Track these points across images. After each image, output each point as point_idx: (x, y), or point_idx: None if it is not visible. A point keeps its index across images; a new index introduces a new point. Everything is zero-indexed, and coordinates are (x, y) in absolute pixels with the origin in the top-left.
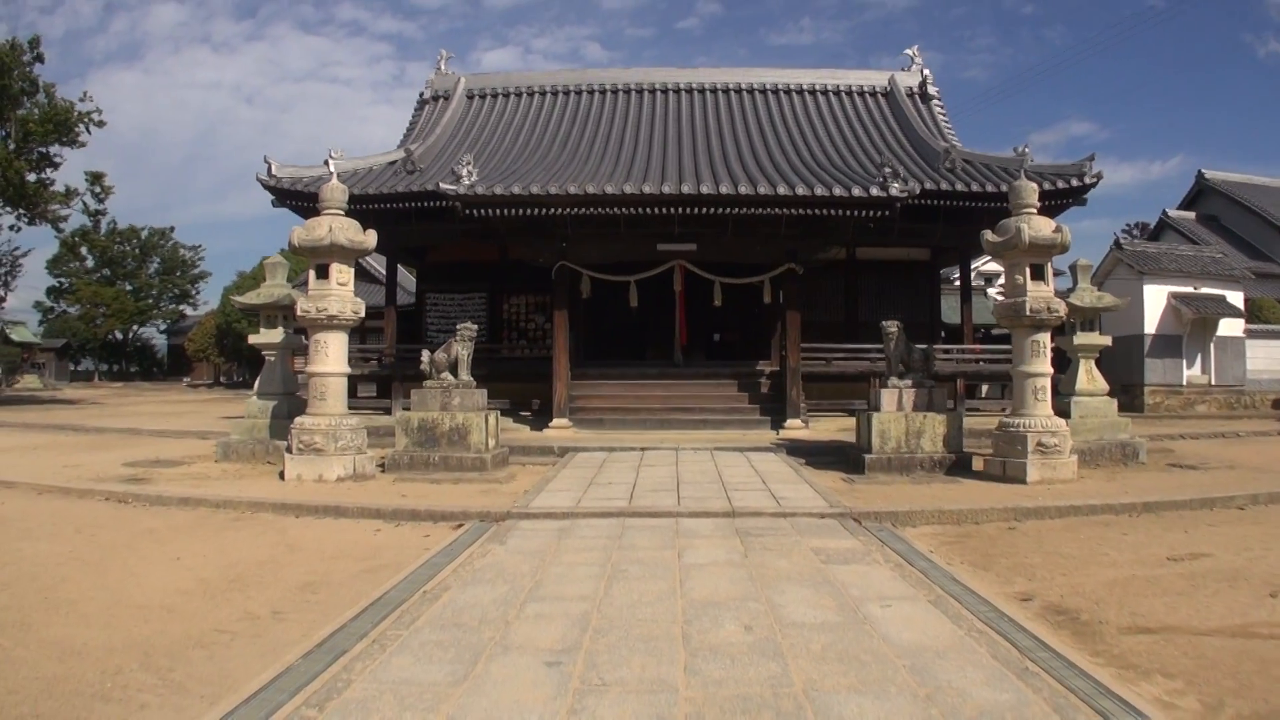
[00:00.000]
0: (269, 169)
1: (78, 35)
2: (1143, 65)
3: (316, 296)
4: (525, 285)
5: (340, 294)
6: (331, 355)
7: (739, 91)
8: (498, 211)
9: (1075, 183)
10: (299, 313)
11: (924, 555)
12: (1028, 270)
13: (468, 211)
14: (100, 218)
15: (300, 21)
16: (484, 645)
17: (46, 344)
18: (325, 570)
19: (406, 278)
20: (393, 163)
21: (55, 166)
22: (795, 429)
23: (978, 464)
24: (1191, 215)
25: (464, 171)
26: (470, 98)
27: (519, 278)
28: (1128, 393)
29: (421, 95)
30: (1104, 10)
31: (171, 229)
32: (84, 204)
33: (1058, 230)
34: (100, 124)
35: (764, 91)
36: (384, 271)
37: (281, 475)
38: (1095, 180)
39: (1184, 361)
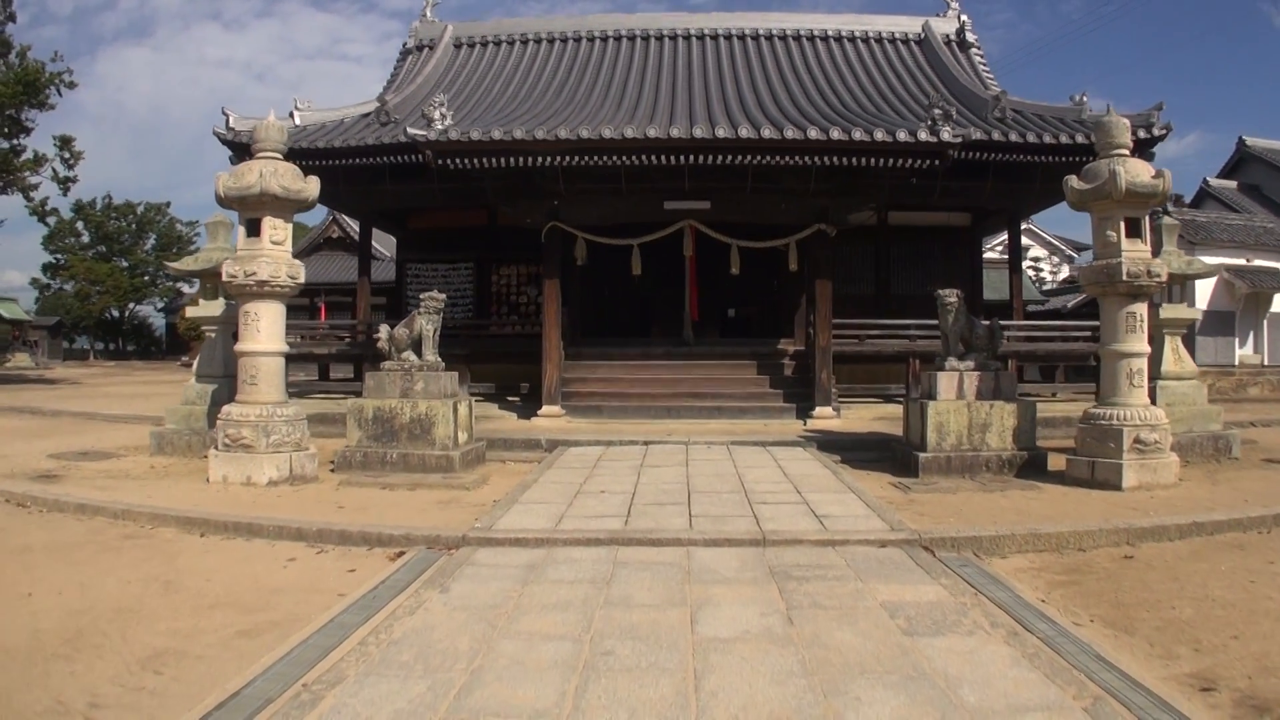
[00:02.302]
0: (226, 122)
1: (86, 11)
2: (1156, 40)
3: (245, 258)
4: (517, 254)
5: (273, 254)
6: (264, 330)
7: (755, 38)
8: (477, 162)
9: (1143, 134)
10: (224, 278)
11: (1037, 610)
12: (1122, 225)
13: (441, 162)
14: (70, 185)
15: None
16: None
17: (38, 321)
18: (192, 629)
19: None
20: (366, 114)
21: (27, 132)
22: (826, 418)
23: (1054, 463)
24: (1233, 184)
25: (436, 115)
26: (458, 46)
27: (510, 246)
28: None
29: (404, 45)
30: None
31: (167, 204)
32: (53, 170)
33: (1158, 175)
34: (71, 85)
35: (784, 38)
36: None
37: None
38: (1165, 132)
39: (1236, 340)
